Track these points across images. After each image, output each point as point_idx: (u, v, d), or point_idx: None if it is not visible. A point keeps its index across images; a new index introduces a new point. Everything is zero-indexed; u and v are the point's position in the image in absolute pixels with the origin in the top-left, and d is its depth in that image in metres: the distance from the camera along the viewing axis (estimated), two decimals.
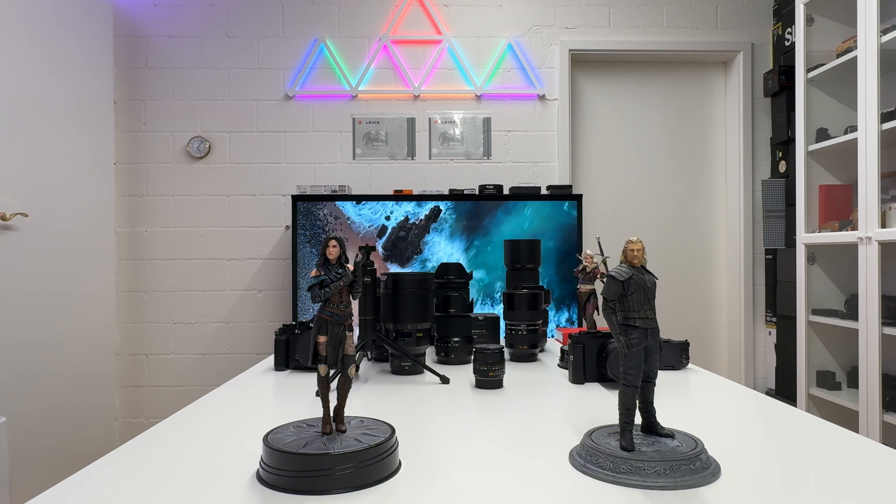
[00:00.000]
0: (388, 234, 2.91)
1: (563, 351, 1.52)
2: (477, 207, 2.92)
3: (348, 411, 0.95)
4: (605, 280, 0.82)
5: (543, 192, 2.95)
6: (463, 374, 1.41)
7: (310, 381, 1.34)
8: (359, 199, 2.92)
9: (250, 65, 3.28)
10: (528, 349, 1.59)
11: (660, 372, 1.00)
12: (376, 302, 1.44)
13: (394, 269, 2.89)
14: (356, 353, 1.23)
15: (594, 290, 1.46)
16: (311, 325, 0.93)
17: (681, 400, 1.15)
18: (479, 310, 2.80)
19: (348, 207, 2.91)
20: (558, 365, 1.52)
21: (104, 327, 2.97)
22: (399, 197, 2.92)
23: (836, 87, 2.76)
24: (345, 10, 3.30)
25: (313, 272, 0.78)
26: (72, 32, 2.80)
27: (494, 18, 3.32)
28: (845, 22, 2.74)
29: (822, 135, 2.74)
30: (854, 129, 2.50)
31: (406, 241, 2.91)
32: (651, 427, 0.79)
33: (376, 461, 0.71)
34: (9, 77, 2.49)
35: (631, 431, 0.74)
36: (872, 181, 2.32)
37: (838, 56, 2.61)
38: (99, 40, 2.96)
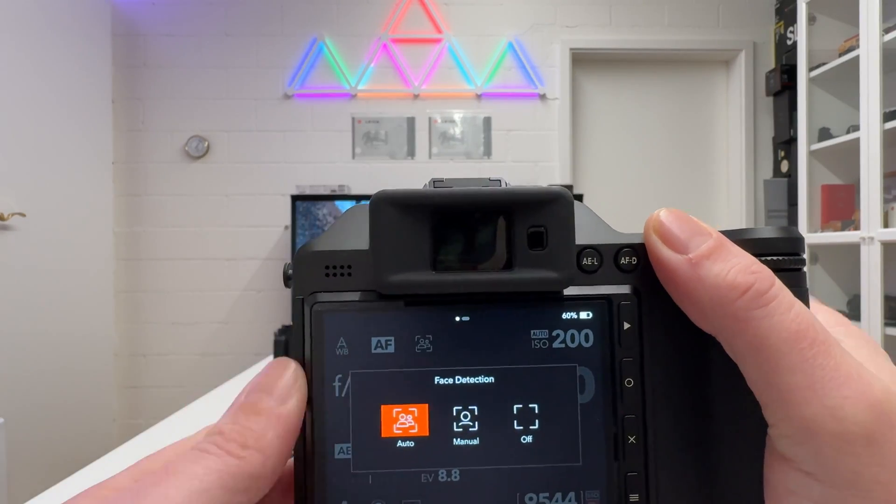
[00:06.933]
0: None
1: None
2: None
3: None
4: None
5: None
6: None
7: None
8: (358, 198, 2.91)
9: (249, 63, 3.26)
10: None
11: None
12: None
13: None
14: None
15: None
16: None
17: None
18: None
19: (348, 207, 2.90)
20: None
21: (102, 327, 2.95)
22: None
23: (839, 86, 2.74)
24: (344, 7, 3.28)
25: None
26: (69, 30, 2.78)
27: (495, 17, 3.30)
28: (847, 21, 2.72)
29: (825, 134, 2.73)
30: (856, 128, 2.48)
31: None
32: None
33: None
34: (5, 76, 2.48)
35: None
36: (875, 181, 2.31)
37: (840, 55, 2.60)
38: (97, 38, 2.94)
